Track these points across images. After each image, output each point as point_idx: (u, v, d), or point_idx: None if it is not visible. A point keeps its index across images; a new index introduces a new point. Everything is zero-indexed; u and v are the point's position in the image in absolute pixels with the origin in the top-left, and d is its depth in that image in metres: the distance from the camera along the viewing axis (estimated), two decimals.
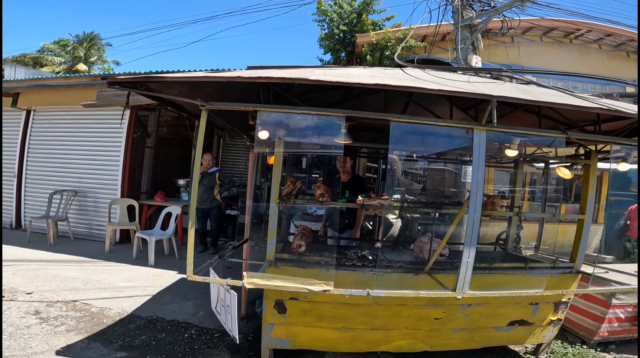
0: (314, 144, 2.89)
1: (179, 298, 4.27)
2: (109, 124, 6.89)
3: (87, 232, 7.04)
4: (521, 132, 2.46)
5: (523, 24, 7.66)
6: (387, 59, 7.94)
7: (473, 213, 2.39)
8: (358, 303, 2.76)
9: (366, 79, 2.30)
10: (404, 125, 2.36)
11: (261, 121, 2.49)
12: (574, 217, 3.06)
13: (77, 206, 7.05)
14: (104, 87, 6.53)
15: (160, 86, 2.81)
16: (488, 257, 3.47)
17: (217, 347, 3.26)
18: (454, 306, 2.90)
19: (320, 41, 9.84)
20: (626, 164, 2.89)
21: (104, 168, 6.99)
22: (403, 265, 2.97)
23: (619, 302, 3.45)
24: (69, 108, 7.21)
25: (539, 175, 6.07)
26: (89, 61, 23.78)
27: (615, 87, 8.49)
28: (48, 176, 7.33)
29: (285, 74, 2.28)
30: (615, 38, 9.22)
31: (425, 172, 7.67)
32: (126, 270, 5.25)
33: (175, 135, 8.84)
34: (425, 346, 3.05)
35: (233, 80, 2.36)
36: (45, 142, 7.44)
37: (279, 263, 2.80)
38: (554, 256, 3.43)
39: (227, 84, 2.60)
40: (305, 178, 8.24)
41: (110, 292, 4.30)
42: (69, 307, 3.76)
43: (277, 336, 2.88)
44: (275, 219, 2.70)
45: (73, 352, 2.94)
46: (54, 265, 5.13)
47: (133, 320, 3.61)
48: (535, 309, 3.04)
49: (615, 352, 3.51)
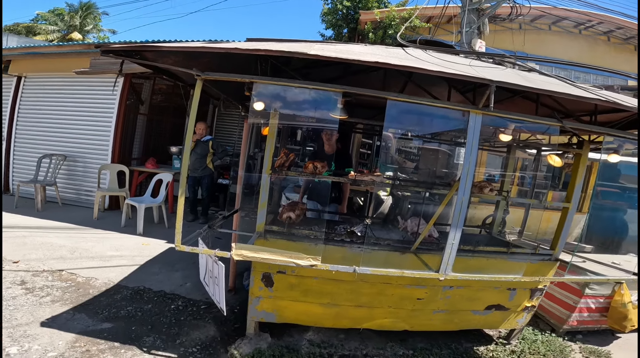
0: (309, 117, 2.85)
1: (167, 269, 4.29)
2: (102, 90, 6.79)
3: (76, 197, 6.98)
4: (517, 118, 2.45)
5: (533, 12, 7.49)
6: (390, 38, 7.79)
7: (462, 194, 2.41)
8: (344, 280, 2.81)
9: (366, 57, 2.25)
10: (401, 104, 2.34)
11: (257, 92, 2.45)
12: (559, 204, 3.10)
13: (66, 171, 6.97)
14: (97, 55, 6.49)
15: (155, 55, 2.73)
16: (473, 240, 3.52)
17: (203, 318, 3.30)
18: (436, 288, 2.96)
19: (323, 16, 9.59)
20: (617, 156, 2.92)
21: (94, 133, 6.89)
22: (391, 243, 3.01)
23: (592, 292, 3.51)
24: (60, 75, 7.10)
25: (530, 161, 6.12)
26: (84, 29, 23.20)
27: (617, 80, 8.48)
28: (38, 140, 7.23)
29: (284, 48, 2.23)
30: (625, 31, 9.12)
31: (419, 151, 7.68)
32: (114, 238, 5.24)
33: (169, 103, 8.69)
34: (407, 325, 3.14)
35: (230, 51, 2.29)
36: (36, 107, 7.32)
37: (269, 236, 2.82)
38: (535, 242, 3.49)
39: (225, 56, 2.52)
40: (299, 151, 8.20)
41: (98, 261, 4.28)
42: (55, 277, 3.74)
43: (263, 309, 2.93)
44: (267, 191, 2.69)
45: (58, 323, 2.93)
46: (41, 231, 5.09)
47: (119, 291, 3.62)
48: (513, 294, 3.12)
49: (581, 341, 3.59)
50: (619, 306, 3.45)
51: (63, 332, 2.81)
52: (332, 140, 4.00)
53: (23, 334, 2.71)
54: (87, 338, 2.79)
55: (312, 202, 4.37)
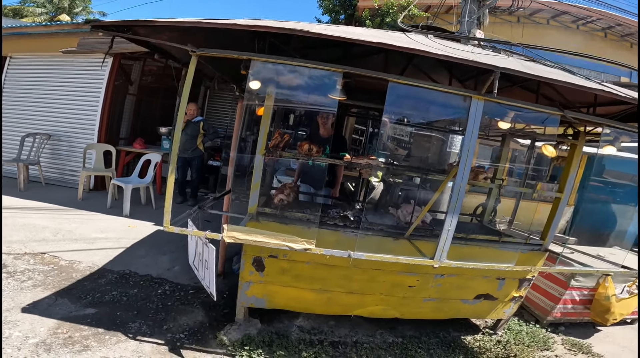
0: (306, 99, 2.78)
1: (154, 252, 4.20)
2: (90, 70, 6.58)
3: (60, 177, 6.78)
4: (519, 106, 2.43)
5: (534, 5, 7.49)
6: (387, 27, 7.69)
7: (460, 180, 2.39)
8: (337, 265, 2.79)
9: (369, 38, 2.19)
10: (402, 88, 2.29)
11: (254, 71, 2.36)
12: (551, 194, 3.11)
13: (50, 151, 6.74)
14: (86, 35, 6.34)
15: (148, 30, 2.60)
16: (465, 228, 3.53)
17: (191, 303, 3.25)
18: (428, 275, 2.97)
19: (320, 1, 9.42)
20: (613, 147, 2.93)
21: (80, 112, 6.67)
22: (384, 228, 2.98)
23: (577, 284, 3.55)
24: (47, 55, 6.85)
25: (520, 153, 6.17)
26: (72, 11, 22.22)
27: (610, 76, 8.61)
28: (22, 119, 6.97)
29: (285, 25, 2.15)
30: (623, 28, 9.18)
31: (412, 138, 7.68)
32: (99, 219, 5.10)
33: (160, 84, 8.47)
34: (397, 313, 3.15)
35: (228, 27, 2.19)
36: (20, 86, 7.05)
37: (261, 218, 2.76)
38: (526, 232, 3.51)
39: (221, 32, 2.42)
40: (293, 133, 8.10)
41: (81, 244, 4.16)
42: (37, 260, 3.61)
43: (253, 294, 2.90)
44: (260, 172, 2.63)
45: (39, 308, 2.83)
46: (23, 212, 4.91)
47: (104, 275, 3.52)
48: (501, 284, 3.14)
49: (563, 333, 3.65)
50: (602, 299, 3.49)
51: (45, 318, 2.72)
52: (328, 123, 3.94)
53: (4, 320, 2.60)
54: (70, 324, 2.70)
55: (305, 185, 4.32)
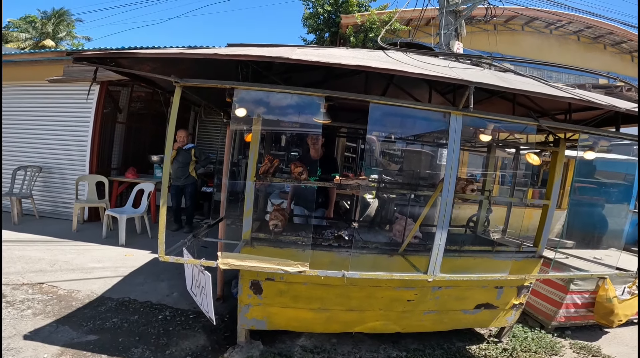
0: (292, 122, 2.84)
1: (152, 279, 4.19)
2: (77, 99, 6.57)
3: (53, 210, 6.76)
4: (495, 118, 2.50)
5: (507, 12, 7.77)
6: (371, 42, 7.89)
7: (446, 195, 2.43)
8: (334, 284, 2.80)
9: (348, 60, 2.26)
10: (384, 107, 2.35)
11: (239, 98, 2.42)
12: (539, 202, 3.16)
13: (42, 183, 6.74)
14: (71, 62, 6.18)
15: (131, 62, 2.67)
16: (458, 239, 3.56)
17: (193, 328, 3.25)
18: (425, 289, 2.98)
19: (304, 20, 9.64)
20: (593, 152, 3.00)
21: (71, 143, 6.69)
22: (378, 246, 3.01)
23: (577, 288, 3.57)
24: (33, 83, 6.87)
25: (509, 160, 6.25)
26: (57, 37, 22.62)
27: (588, 79, 8.82)
28: (11, 152, 6.95)
29: (266, 53, 2.22)
30: (594, 31, 9.51)
31: (403, 153, 7.76)
32: (95, 249, 5.09)
33: (149, 110, 8.51)
34: (398, 327, 3.15)
35: (210, 57, 2.27)
36: (8, 117, 7.02)
37: (255, 243, 2.79)
38: (519, 240, 3.53)
39: (204, 62, 2.49)
40: (284, 156, 8.16)
41: (79, 273, 4.16)
42: (35, 290, 3.63)
43: (253, 317, 2.90)
44: (252, 198, 2.67)
45: (41, 336, 2.85)
46: (18, 245, 4.91)
47: (103, 302, 3.53)
48: (500, 293, 3.16)
49: (570, 337, 3.64)
50: (604, 301, 3.50)
51: (47, 345, 2.75)
52: (317, 145, 3.99)
53: (6, 347, 2.64)
54: (73, 350, 2.73)
55: (299, 207, 4.34)
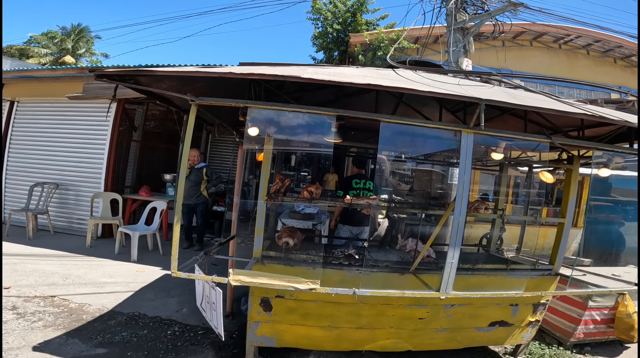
0: (304, 142, 2.88)
1: (163, 295, 4.20)
2: (95, 116, 6.75)
3: (68, 226, 6.87)
4: (507, 136, 2.50)
5: (515, 29, 7.80)
6: (380, 60, 7.99)
7: (458, 214, 2.42)
8: (344, 302, 2.77)
9: (358, 79, 2.30)
10: (394, 126, 2.38)
11: (251, 117, 2.47)
12: (554, 220, 3.12)
13: (58, 199, 6.88)
14: (90, 79, 6.43)
15: (149, 79, 2.75)
16: (471, 258, 3.51)
17: (201, 344, 3.23)
18: (437, 307, 2.93)
19: (314, 39, 9.85)
20: (607, 169, 2.96)
21: (87, 160, 6.84)
22: (389, 264, 2.99)
23: (595, 304, 3.52)
24: (53, 100, 7.06)
25: (522, 178, 6.17)
26: (76, 53, 23.39)
27: (600, 94, 8.72)
28: (30, 168, 7.15)
29: (278, 72, 2.27)
30: (603, 44, 9.41)
31: (413, 173, 7.73)
32: (107, 265, 5.14)
33: (163, 129, 8.68)
34: (409, 345, 3.08)
35: (224, 76, 2.33)
36: (28, 133, 7.25)
37: (266, 261, 2.79)
38: (534, 258, 3.49)
39: (218, 80, 2.57)
40: (294, 176, 8.21)
41: (91, 288, 4.20)
42: (47, 302, 3.68)
43: (262, 334, 2.87)
44: (263, 217, 2.69)
45: (50, 347, 2.88)
46: (32, 259, 5.00)
47: (114, 316, 3.55)
48: (515, 310, 3.09)
49: (590, 353, 3.57)
50: (624, 316, 3.47)
51: (56, 357, 2.76)
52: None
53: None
54: None
55: (345, 226, 4.39)
